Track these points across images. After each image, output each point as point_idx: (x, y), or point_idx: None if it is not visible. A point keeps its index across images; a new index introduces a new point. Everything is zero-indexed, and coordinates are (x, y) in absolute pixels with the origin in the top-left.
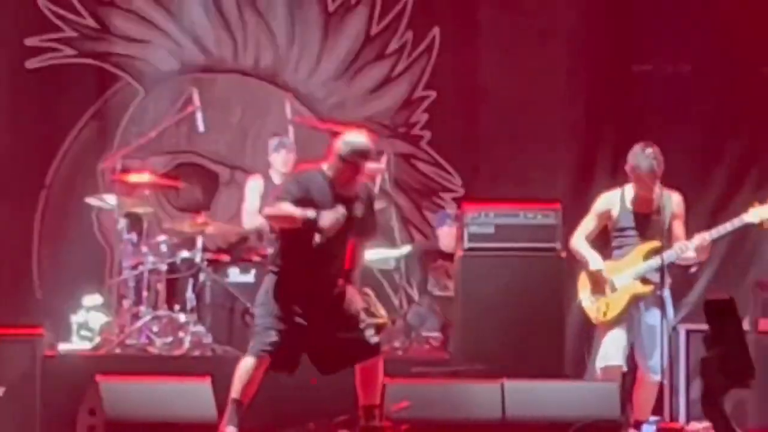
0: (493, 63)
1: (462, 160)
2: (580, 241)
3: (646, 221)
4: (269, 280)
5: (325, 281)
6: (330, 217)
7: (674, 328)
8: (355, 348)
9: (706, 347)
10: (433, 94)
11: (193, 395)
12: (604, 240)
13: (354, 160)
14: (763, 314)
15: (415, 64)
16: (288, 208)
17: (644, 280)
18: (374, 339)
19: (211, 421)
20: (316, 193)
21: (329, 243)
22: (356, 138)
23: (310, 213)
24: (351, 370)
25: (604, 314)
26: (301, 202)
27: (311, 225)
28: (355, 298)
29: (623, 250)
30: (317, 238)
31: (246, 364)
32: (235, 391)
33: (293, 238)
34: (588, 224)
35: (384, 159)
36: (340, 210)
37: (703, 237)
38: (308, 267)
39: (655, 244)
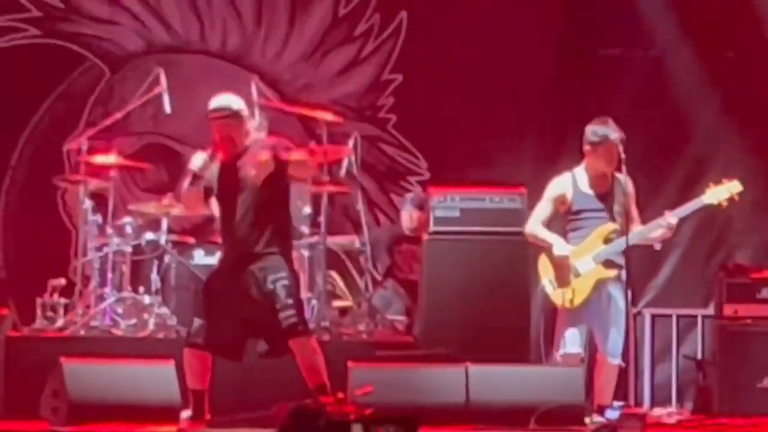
0: (460, 47)
1: (428, 144)
2: (537, 226)
3: (601, 202)
4: None
5: (237, 260)
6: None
7: (639, 313)
8: (273, 330)
9: None
10: (399, 77)
11: (157, 377)
12: (555, 225)
13: (211, 124)
14: (728, 299)
15: (383, 47)
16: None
17: (607, 264)
18: (290, 320)
19: (175, 404)
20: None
21: (230, 218)
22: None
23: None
24: None
25: (571, 301)
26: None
27: (199, 174)
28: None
29: (580, 232)
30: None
31: (185, 354)
32: (187, 381)
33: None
34: (543, 210)
35: (351, 142)
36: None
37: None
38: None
39: (613, 226)
